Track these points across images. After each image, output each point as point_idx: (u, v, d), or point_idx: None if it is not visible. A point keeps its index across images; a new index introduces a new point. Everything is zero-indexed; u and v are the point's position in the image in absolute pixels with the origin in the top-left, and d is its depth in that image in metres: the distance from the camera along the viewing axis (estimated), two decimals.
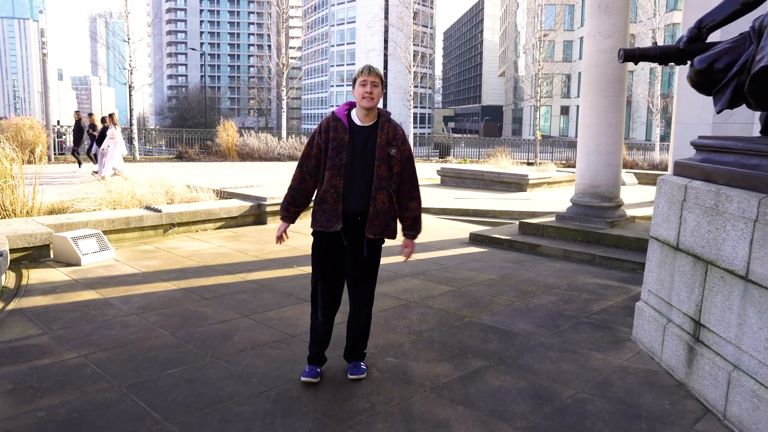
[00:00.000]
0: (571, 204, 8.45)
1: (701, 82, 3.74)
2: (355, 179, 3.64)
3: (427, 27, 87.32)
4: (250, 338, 4.60)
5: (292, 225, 3.87)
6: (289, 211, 3.83)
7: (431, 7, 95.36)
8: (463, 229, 9.30)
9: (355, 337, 3.94)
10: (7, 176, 7.90)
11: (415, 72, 31.00)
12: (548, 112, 65.90)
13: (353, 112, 3.71)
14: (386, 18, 31.54)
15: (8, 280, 6.09)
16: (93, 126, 18.21)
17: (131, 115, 25.78)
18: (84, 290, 5.83)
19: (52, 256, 7.03)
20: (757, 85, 3.14)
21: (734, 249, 3.37)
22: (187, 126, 62.19)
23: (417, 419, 3.38)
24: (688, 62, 3.95)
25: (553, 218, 8.49)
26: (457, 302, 5.59)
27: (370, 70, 3.65)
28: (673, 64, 4.11)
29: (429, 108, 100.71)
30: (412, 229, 3.84)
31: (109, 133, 15.60)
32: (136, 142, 24.67)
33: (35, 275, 6.32)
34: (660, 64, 4.19)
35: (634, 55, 4.05)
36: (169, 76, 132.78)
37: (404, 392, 3.72)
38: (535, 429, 3.29)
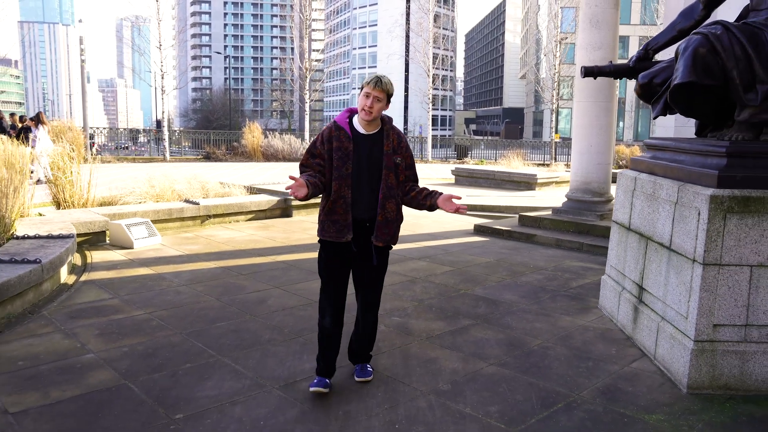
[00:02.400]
0: (566, 199, 9.35)
1: (644, 94, 4.67)
2: (362, 188, 3.61)
3: (447, 30, 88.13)
4: (281, 303, 5.61)
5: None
6: (307, 175, 3.59)
7: (452, 10, 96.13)
8: (470, 222, 10.22)
9: (360, 341, 3.96)
10: (68, 172, 9.03)
11: (434, 74, 31.92)
12: (569, 114, 66.33)
13: (355, 120, 3.67)
14: (407, 23, 32.55)
15: (75, 259, 7.17)
16: (14, 126, 17.21)
17: (162, 117, 27.03)
18: (140, 267, 6.89)
19: (107, 240, 8.11)
20: (674, 98, 4.06)
21: (663, 226, 4.29)
22: (212, 128, 63.64)
23: (413, 357, 4.35)
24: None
25: (550, 212, 9.40)
26: (456, 279, 6.54)
27: (377, 83, 3.51)
28: (626, 78, 5.03)
29: (449, 110, 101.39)
30: (434, 191, 3.74)
31: (32, 134, 15.06)
32: (166, 143, 25.92)
33: (97, 255, 7.40)
34: (615, 79, 5.11)
35: (592, 72, 4.98)
36: (194, 79, 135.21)
37: (405, 340, 4.69)
38: (504, 365, 4.24)
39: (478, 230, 9.32)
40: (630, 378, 4.05)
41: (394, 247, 4.02)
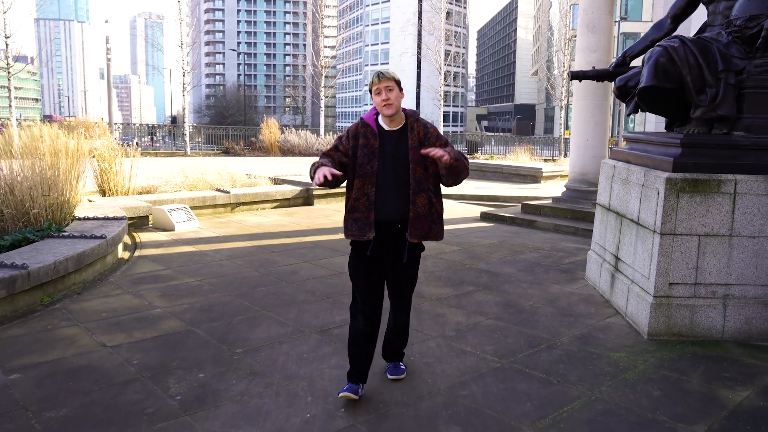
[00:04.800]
0: (565, 189, 10.20)
1: (620, 95, 5.52)
2: (390, 186, 3.52)
3: (459, 27, 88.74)
4: (311, 273, 6.52)
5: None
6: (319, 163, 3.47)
7: (464, 7, 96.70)
8: (477, 210, 11.07)
9: (391, 339, 3.96)
10: (112, 164, 9.99)
11: (446, 71, 32.69)
12: None
13: (380, 118, 3.60)
14: (419, 19, 33.39)
15: (125, 239, 8.11)
16: None
17: (183, 113, 28.04)
18: (183, 245, 7.83)
19: (150, 224, 9.06)
20: (641, 98, 4.92)
21: (634, 205, 5.15)
22: (226, 123, 64.80)
23: (425, 313, 5.25)
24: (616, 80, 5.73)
25: (550, 200, 10.25)
26: (462, 256, 7.43)
27: (380, 76, 3.47)
28: (606, 81, 5.89)
29: (461, 106, 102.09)
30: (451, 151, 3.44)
31: None
32: (187, 138, 26.95)
33: (144, 236, 8.35)
34: (597, 81, 5.96)
35: (578, 75, 5.84)
36: (207, 75, 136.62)
37: (418, 302, 5.56)
38: (499, 319, 5.13)
39: (484, 217, 10.20)
40: (603, 329, 4.92)
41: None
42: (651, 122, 7.74)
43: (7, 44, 20.54)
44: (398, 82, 3.51)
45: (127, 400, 3.56)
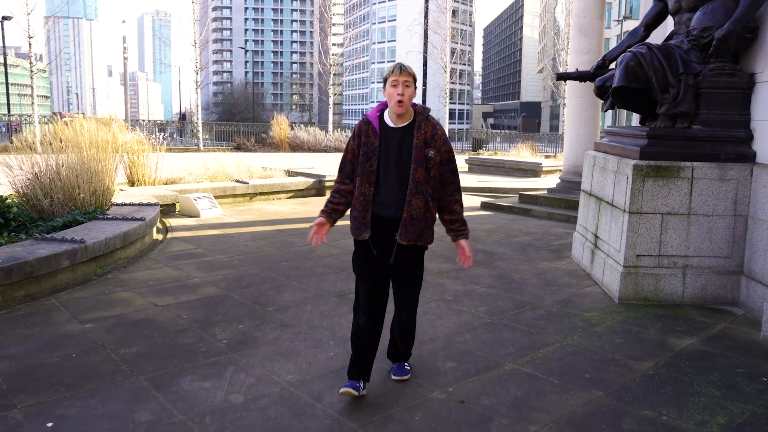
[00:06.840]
0: (559, 181, 10.97)
1: (599, 93, 6.30)
2: (391, 185, 3.45)
3: (465, 25, 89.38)
4: (327, 252, 7.33)
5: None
6: (327, 206, 3.68)
7: (470, 5, 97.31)
8: (478, 201, 11.87)
9: (399, 337, 3.85)
10: (141, 156, 10.83)
11: (452, 69, 33.36)
12: None
13: (386, 114, 3.50)
14: (426, 18, 34.04)
15: (157, 224, 8.94)
16: None
17: (195, 111, 28.90)
18: (210, 229, 8.65)
19: (177, 211, 9.89)
20: (614, 97, 5.69)
21: (609, 189, 5.93)
22: (234, 120, 65.71)
23: (427, 282, 6.01)
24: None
25: (545, 191, 11.03)
26: None
27: (401, 68, 3.37)
28: (588, 82, 6.66)
29: (467, 104, 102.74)
30: (462, 230, 3.70)
31: None
32: (200, 134, 27.82)
33: (173, 222, 9.18)
34: (580, 82, 6.74)
35: (562, 76, 6.62)
36: (215, 73, 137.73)
37: None
38: (492, 287, 5.92)
39: (484, 206, 10.99)
40: (581, 295, 5.71)
41: None
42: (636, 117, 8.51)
43: (30, 44, 21.41)
44: (415, 80, 3.41)
45: (183, 343, 4.38)
